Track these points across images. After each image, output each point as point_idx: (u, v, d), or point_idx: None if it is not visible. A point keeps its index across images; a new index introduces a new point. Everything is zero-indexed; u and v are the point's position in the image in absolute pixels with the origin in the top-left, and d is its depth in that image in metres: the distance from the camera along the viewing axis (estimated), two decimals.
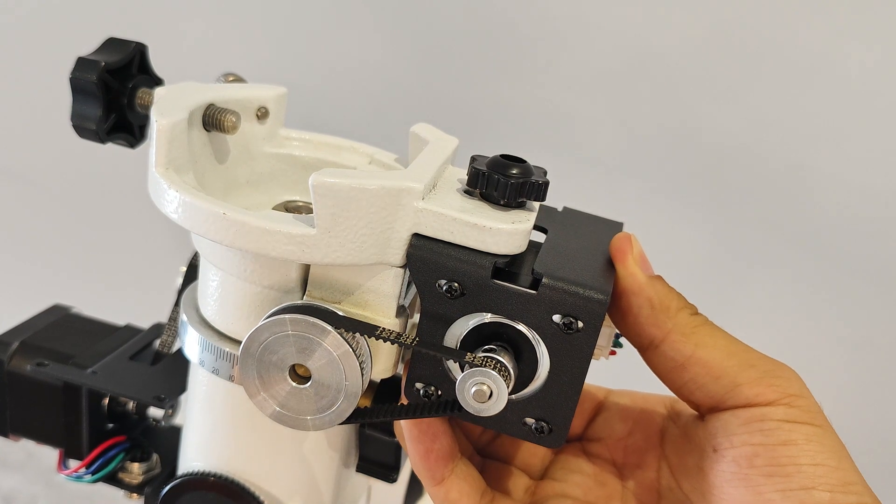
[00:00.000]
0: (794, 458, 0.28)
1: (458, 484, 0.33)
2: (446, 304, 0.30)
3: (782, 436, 0.28)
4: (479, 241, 0.29)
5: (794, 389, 0.29)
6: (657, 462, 0.34)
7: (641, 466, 0.35)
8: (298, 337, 0.29)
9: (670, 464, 0.33)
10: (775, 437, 0.28)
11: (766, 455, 0.28)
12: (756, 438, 0.29)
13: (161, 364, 0.43)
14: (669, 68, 0.78)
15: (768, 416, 0.29)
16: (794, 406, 0.29)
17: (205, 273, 0.35)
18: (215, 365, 0.34)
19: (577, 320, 0.29)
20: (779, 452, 0.28)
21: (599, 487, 0.35)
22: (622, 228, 0.35)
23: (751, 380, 0.29)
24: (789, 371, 0.30)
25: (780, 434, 0.28)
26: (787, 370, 0.30)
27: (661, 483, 0.34)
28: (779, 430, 0.28)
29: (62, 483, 0.83)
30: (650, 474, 0.34)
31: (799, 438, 0.28)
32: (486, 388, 0.28)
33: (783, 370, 0.30)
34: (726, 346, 0.30)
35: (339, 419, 0.30)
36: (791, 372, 0.30)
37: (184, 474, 0.38)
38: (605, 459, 0.36)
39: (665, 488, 0.33)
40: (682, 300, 0.31)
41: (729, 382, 0.29)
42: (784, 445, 0.28)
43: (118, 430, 0.44)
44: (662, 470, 0.34)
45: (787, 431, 0.28)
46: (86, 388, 0.41)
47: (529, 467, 0.37)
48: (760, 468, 0.28)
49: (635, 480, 0.35)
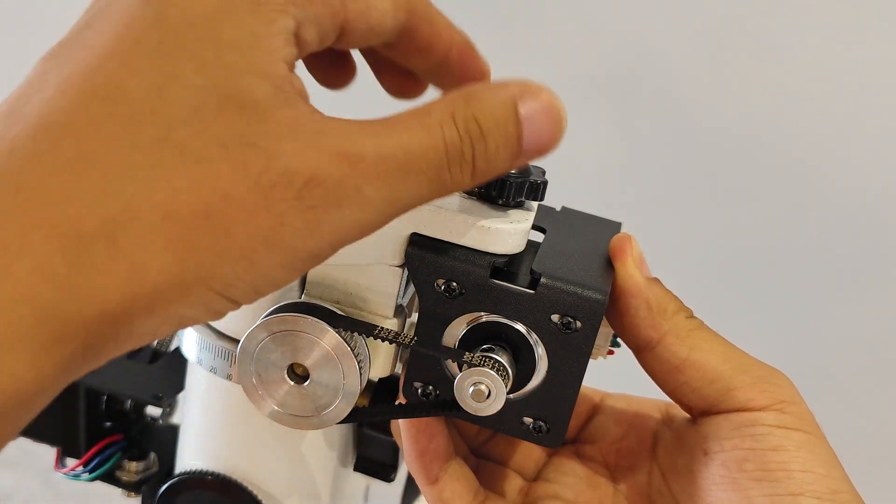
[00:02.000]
0: (784, 463, 0.28)
1: (452, 483, 0.33)
2: (445, 303, 0.30)
3: (773, 441, 0.28)
4: (478, 240, 0.29)
5: (787, 396, 0.29)
6: (649, 465, 0.34)
7: (633, 469, 0.35)
8: (297, 336, 0.29)
9: (661, 466, 0.34)
10: (766, 442, 0.28)
11: (755, 460, 0.28)
12: (747, 443, 0.29)
13: (159, 362, 0.43)
14: (669, 67, 0.78)
15: (760, 422, 0.29)
16: (785, 412, 0.29)
17: None
18: (213, 363, 0.34)
19: (575, 320, 0.29)
20: (769, 458, 0.28)
21: (591, 489, 0.35)
22: (620, 228, 0.35)
23: (744, 384, 0.29)
24: (782, 377, 0.30)
25: (770, 439, 0.28)
26: (781, 376, 0.30)
27: (651, 486, 0.34)
28: (770, 435, 0.28)
29: (59, 481, 0.82)
30: (641, 477, 0.34)
31: (789, 445, 0.28)
32: (484, 387, 0.28)
33: (776, 376, 0.30)
34: (721, 350, 0.30)
35: (337, 418, 0.30)
36: (784, 378, 0.30)
37: (181, 473, 0.38)
38: (598, 462, 0.36)
39: (655, 491, 0.33)
40: (678, 303, 0.31)
41: (723, 386, 0.30)
42: (774, 451, 0.28)
43: (115, 428, 0.44)
44: (653, 473, 0.34)
45: (777, 437, 0.28)
46: (83, 387, 0.41)
47: (523, 469, 0.37)
48: (750, 472, 0.28)
49: (626, 483, 0.35)
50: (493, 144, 0.24)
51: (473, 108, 0.23)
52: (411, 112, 0.23)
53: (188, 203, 0.20)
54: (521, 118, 0.24)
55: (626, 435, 0.36)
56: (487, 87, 0.24)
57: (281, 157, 0.21)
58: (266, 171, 0.21)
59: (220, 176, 0.21)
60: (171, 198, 0.20)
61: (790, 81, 0.77)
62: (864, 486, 0.29)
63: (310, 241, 0.22)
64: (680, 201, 0.83)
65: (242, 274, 0.21)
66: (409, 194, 0.23)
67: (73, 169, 0.20)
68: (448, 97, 0.24)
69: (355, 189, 0.22)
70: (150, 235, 0.20)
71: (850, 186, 0.79)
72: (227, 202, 0.20)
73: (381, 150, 0.22)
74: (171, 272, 0.20)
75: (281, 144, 0.21)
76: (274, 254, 0.21)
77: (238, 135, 0.21)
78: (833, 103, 0.77)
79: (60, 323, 0.19)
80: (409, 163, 0.23)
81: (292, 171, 0.21)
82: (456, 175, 0.24)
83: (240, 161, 0.21)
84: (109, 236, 0.20)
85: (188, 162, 0.20)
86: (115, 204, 0.20)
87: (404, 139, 0.23)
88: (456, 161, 0.23)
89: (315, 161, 0.21)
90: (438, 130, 0.23)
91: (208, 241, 0.20)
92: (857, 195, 0.79)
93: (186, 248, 0.20)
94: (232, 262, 0.21)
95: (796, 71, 0.76)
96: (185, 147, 0.20)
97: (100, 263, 0.19)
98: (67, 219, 0.19)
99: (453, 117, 0.23)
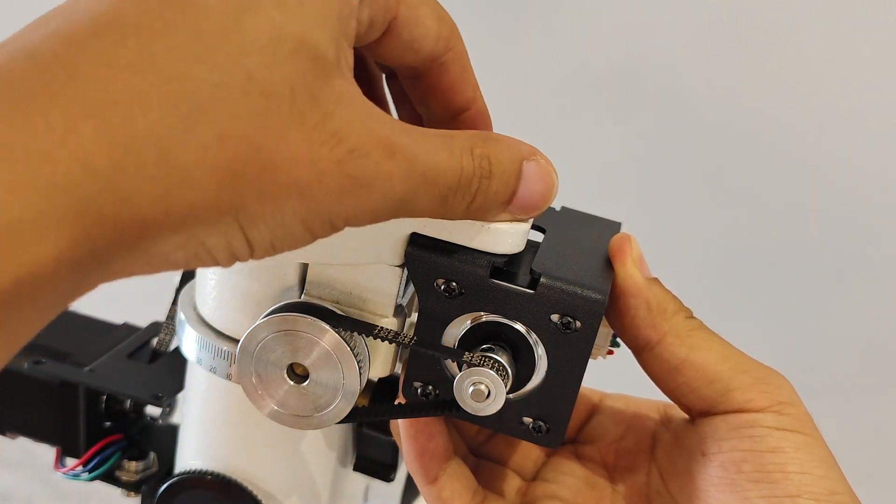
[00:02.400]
0: (782, 465, 0.28)
1: (451, 483, 0.33)
2: (444, 303, 0.30)
3: (771, 443, 0.28)
4: (478, 240, 0.29)
5: (785, 397, 0.29)
6: (647, 465, 0.34)
7: (632, 469, 0.35)
8: (296, 336, 0.29)
9: (660, 467, 0.34)
10: (764, 443, 0.28)
11: (753, 461, 0.28)
12: (745, 444, 0.29)
13: (159, 362, 0.43)
14: (668, 67, 0.78)
15: (758, 423, 0.29)
16: (784, 414, 0.29)
17: (203, 271, 0.35)
18: (213, 363, 0.34)
19: (575, 320, 0.29)
20: (766, 459, 0.28)
21: (589, 490, 0.35)
22: (620, 228, 0.35)
23: (743, 385, 0.29)
24: (781, 379, 0.30)
25: (768, 441, 0.28)
26: (779, 378, 0.30)
27: (650, 486, 0.34)
28: (768, 436, 0.28)
29: (59, 481, 0.82)
30: (640, 477, 0.34)
31: (787, 446, 0.28)
32: (483, 387, 0.28)
33: (775, 378, 0.30)
34: (721, 350, 0.30)
35: (336, 418, 0.30)
36: (783, 380, 0.30)
37: (181, 473, 0.38)
38: (597, 462, 0.36)
39: (654, 492, 0.33)
40: (678, 303, 0.31)
41: (721, 387, 0.30)
42: (772, 452, 0.28)
43: (115, 428, 0.44)
44: (652, 473, 0.34)
45: (776, 438, 0.28)
46: (83, 386, 0.41)
47: (522, 469, 0.37)
48: (748, 474, 0.28)
49: (625, 483, 0.35)
50: (494, 187, 0.26)
51: (490, 149, 0.25)
52: (438, 132, 0.25)
53: (244, 132, 0.20)
54: (522, 174, 0.27)
55: (625, 435, 0.36)
56: (504, 138, 0.26)
57: (335, 119, 0.22)
58: (320, 126, 0.21)
59: (279, 116, 0.21)
60: (228, 122, 0.20)
61: (792, 81, 0.77)
62: (862, 487, 0.29)
63: (336, 207, 0.22)
64: (681, 201, 0.83)
65: (269, 217, 0.21)
66: (420, 202, 0.24)
67: (134, 68, 0.19)
68: (471, 133, 0.26)
69: (387, 176, 0.23)
70: (201, 154, 0.20)
71: (851, 186, 0.79)
72: (279, 143, 0.21)
73: (414, 152, 0.23)
74: (209, 195, 0.20)
75: (337, 109, 0.22)
76: (303, 206, 0.22)
77: (306, 83, 0.21)
78: (833, 102, 0.77)
79: (94, 220, 0.19)
80: (431, 174, 0.24)
81: (342, 135, 0.22)
82: (456, 202, 0.25)
83: (300, 109, 0.21)
84: (161, 145, 0.19)
85: (254, 92, 0.20)
86: (172, 114, 0.19)
87: (432, 152, 0.24)
88: (462, 189, 0.25)
89: (362, 136, 0.22)
90: (459, 156, 0.25)
91: (252, 173, 0.21)
92: (857, 195, 0.79)
93: (232, 176, 0.20)
94: (265, 201, 0.21)
95: (798, 70, 0.76)
96: (253, 75, 0.20)
97: (146, 169, 0.19)
98: (121, 116, 0.19)
99: (472, 150, 0.25)
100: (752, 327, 0.64)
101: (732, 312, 0.79)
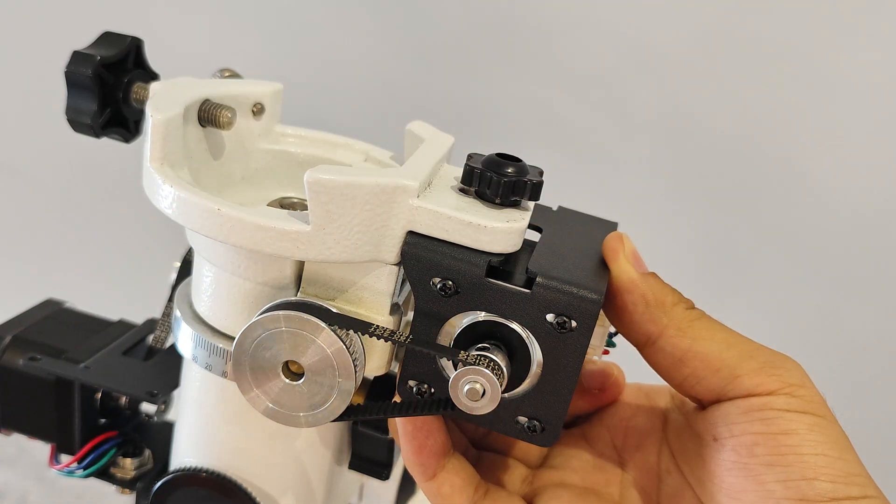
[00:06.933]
0: (796, 447, 0.27)
1: (450, 478, 0.33)
2: (440, 302, 0.30)
3: (783, 425, 0.28)
4: (474, 239, 0.29)
5: (796, 379, 0.29)
6: (658, 446, 0.34)
7: (641, 449, 0.35)
8: (292, 334, 0.29)
9: (671, 448, 0.33)
10: (776, 426, 0.28)
11: (766, 444, 0.28)
12: (757, 427, 0.28)
13: (154, 359, 0.43)
14: (666, 67, 0.78)
15: (769, 406, 0.28)
16: (795, 396, 0.28)
17: (199, 269, 0.35)
18: (208, 361, 0.34)
19: (570, 320, 0.29)
20: (780, 441, 0.28)
21: (598, 472, 0.35)
22: (616, 228, 0.35)
23: (751, 370, 0.29)
24: (790, 361, 0.30)
25: (781, 423, 0.28)
26: (788, 360, 0.30)
27: (660, 467, 0.33)
28: (780, 419, 0.28)
29: (54, 478, 0.82)
30: (651, 458, 0.34)
31: (800, 428, 0.28)
32: (479, 386, 0.28)
33: (784, 360, 0.29)
34: (724, 338, 0.30)
35: (331, 416, 0.30)
36: (792, 362, 0.30)
37: (176, 470, 0.38)
38: (606, 443, 0.36)
39: (664, 472, 0.33)
40: (677, 295, 0.31)
41: (728, 374, 0.29)
42: (785, 435, 0.28)
43: (110, 425, 0.44)
44: (663, 454, 0.34)
45: (788, 421, 0.28)
46: (78, 383, 0.41)
47: (527, 457, 0.37)
48: (761, 457, 0.28)
49: (635, 463, 0.34)
50: None
51: None
52: None
53: None
54: None
55: (636, 414, 0.36)
56: None
57: None
58: None
59: None
60: None
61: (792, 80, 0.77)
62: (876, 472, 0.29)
63: None
64: (681, 200, 0.83)
65: None
66: None
67: None
68: None
69: None
70: None
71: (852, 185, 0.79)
72: None
73: None
74: None
75: None
76: None
77: None
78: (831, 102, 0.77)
79: None
80: None
81: None
82: None
83: None
84: None
85: None
86: None
87: None
88: None
89: None
90: None
91: None
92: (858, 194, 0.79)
93: None
94: None
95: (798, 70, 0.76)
96: None
97: None
98: None
99: None
100: (752, 327, 0.64)
101: (732, 312, 0.79)
